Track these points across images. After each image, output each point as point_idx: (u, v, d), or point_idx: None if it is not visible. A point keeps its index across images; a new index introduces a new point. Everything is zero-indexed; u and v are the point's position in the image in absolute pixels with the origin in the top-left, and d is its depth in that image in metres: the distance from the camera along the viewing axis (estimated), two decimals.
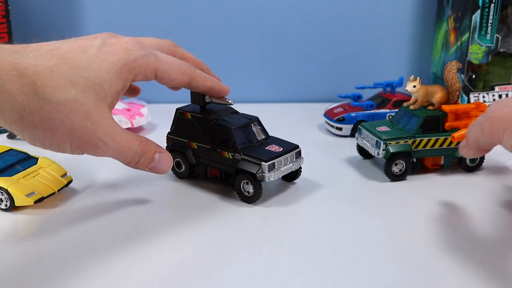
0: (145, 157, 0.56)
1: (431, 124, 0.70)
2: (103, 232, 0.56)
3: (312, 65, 1.10)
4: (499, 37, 0.89)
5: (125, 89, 0.55)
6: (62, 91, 0.48)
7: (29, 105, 0.47)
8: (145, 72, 0.55)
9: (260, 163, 0.62)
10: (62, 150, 0.51)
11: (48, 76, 0.48)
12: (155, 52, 0.57)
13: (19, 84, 0.46)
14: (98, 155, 0.53)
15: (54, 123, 0.48)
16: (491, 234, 0.57)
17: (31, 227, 0.57)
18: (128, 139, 0.54)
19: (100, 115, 0.51)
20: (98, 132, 0.51)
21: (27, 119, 0.47)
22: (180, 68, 0.59)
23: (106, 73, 0.52)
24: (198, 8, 1.05)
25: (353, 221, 0.59)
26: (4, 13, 0.86)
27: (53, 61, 0.49)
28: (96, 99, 0.51)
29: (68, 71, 0.49)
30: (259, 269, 0.50)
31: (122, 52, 0.53)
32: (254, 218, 0.60)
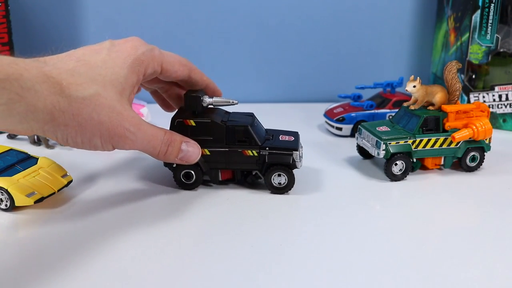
0: (173, 146, 0.60)
1: (431, 124, 0.70)
2: (103, 232, 0.56)
3: (312, 65, 1.10)
4: (499, 37, 0.89)
5: (139, 82, 0.60)
6: (86, 87, 0.52)
7: (58, 104, 0.50)
8: (153, 64, 0.61)
9: (292, 153, 0.65)
10: (93, 146, 0.54)
11: (70, 76, 0.52)
12: (157, 48, 0.62)
13: (47, 85, 0.49)
14: (127, 148, 0.57)
15: (83, 118, 0.52)
16: (491, 234, 0.57)
17: (31, 227, 0.57)
18: (153, 129, 0.59)
19: (123, 107, 0.55)
20: (125, 123, 0.55)
21: (58, 118, 0.50)
22: (181, 61, 0.65)
23: (120, 68, 0.56)
24: (198, 8, 1.05)
25: (353, 221, 0.59)
26: (4, 13, 0.86)
27: (71, 64, 0.53)
28: (116, 93, 0.55)
29: (87, 71, 0.54)
30: (259, 269, 0.50)
31: (131, 48, 0.59)
32: (254, 218, 0.60)
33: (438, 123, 0.70)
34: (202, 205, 0.62)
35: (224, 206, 0.62)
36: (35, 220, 0.58)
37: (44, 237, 0.55)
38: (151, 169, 0.73)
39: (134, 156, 0.78)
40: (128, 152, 0.80)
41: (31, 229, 0.57)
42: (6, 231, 0.57)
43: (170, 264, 0.50)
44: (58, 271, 0.49)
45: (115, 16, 1.04)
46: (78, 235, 0.55)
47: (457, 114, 0.71)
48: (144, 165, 0.75)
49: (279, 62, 1.09)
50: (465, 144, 0.72)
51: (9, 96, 0.46)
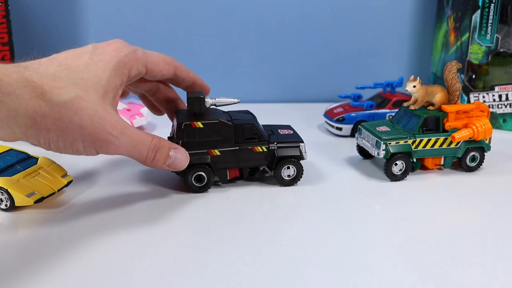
0: (161, 152, 0.59)
1: (431, 124, 0.70)
2: (103, 232, 0.56)
3: (312, 65, 1.10)
4: (499, 37, 0.90)
5: (123, 84, 0.59)
6: (67, 91, 0.51)
7: (40, 108, 0.49)
8: (137, 65, 0.60)
9: (299, 145, 0.68)
10: (76, 150, 0.54)
11: (51, 80, 0.51)
12: (141, 48, 0.61)
13: (28, 90, 0.49)
14: (112, 152, 0.56)
15: (64, 122, 0.51)
16: (491, 234, 0.57)
17: (31, 227, 0.57)
18: (139, 134, 0.57)
19: (106, 111, 0.54)
20: (107, 127, 0.54)
21: (40, 123, 0.50)
22: (166, 59, 0.64)
23: (103, 72, 0.55)
24: (198, 8, 1.05)
25: (353, 221, 0.59)
26: (4, 13, 0.86)
27: (53, 69, 0.53)
28: (98, 96, 0.54)
29: (69, 75, 0.53)
30: (259, 269, 0.50)
31: (113, 51, 0.58)
32: (254, 218, 0.60)
33: (438, 123, 0.70)
34: (202, 205, 0.62)
35: (224, 206, 0.62)
36: (35, 220, 0.58)
37: (44, 237, 0.55)
38: (151, 169, 0.73)
39: None
40: None
41: (31, 229, 0.57)
42: (6, 231, 0.57)
43: (170, 263, 0.50)
44: (58, 271, 0.49)
45: (115, 16, 1.04)
46: (78, 235, 0.55)
47: (457, 114, 0.71)
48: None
49: (279, 62, 1.09)
50: (465, 144, 0.72)
51: None
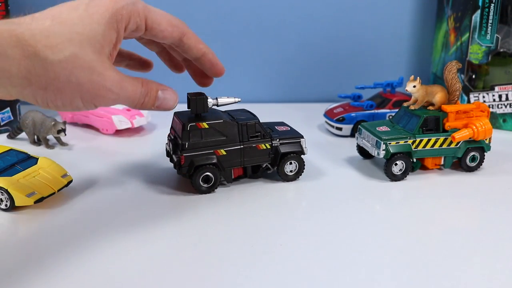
0: (149, 96, 0.56)
1: (431, 124, 0.70)
2: (103, 232, 0.56)
3: (312, 65, 1.10)
4: (499, 37, 0.89)
5: (120, 38, 0.56)
6: (61, 49, 0.49)
7: (34, 68, 0.48)
8: (135, 19, 0.56)
9: (300, 140, 0.70)
10: (75, 106, 0.52)
11: (45, 37, 0.49)
12: (143, 2, 0.57)
13: (20, 49, 0.47)
14: (109, 105, 0.54)
15: (61, 82, 0.49)
16: (491, 234, 0.57)
17: (31, 227, 0.57)
18: (133, 84, 0.55)
19: (103, 67, 0.52)
20: (107, 83, 0.52)
21: (35, 83, 0.48)
22: (171, 20, 0.59)
23: (98, 24, 0.52)
24: (198, 8, 1.05)
25: (353, 221, 0.59)
26: (4, 13, 0.86)
27: (47, 23, 0.50)
28: (94, 52, 0.52)
29: (63, 30, 0.50)
30: (259, 269, 0.50)
31: (110, 2, 0.54)
32: (254, 218, 0.60)
33: (438, 123, 0.70)
34: (202, 205, 0.62)
35: (224, 206, 0.62)
36: (35, 220, 0.58)
37: (44, 237, 0.55)
38: (151, 168, 0.73)
39: (134, 156, 0.78)
40: (127, 152, 0.80)
41: (31, 229, 0.57)
42: (6, 231, 0.57)
43: (170, 263, 0.50)
44: (58, 271, 0.49)
45: None
46: (78, 235, 0.55)
47: (457, 114, 0.71)
48: (144, 164, 0.75)
49: (279, 62, 1.09)
50: (465, 144, 0.72)
51: None
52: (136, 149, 0.81)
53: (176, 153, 0.65)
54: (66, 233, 0.55)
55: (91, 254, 0.51)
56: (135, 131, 0.89)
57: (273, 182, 0.69)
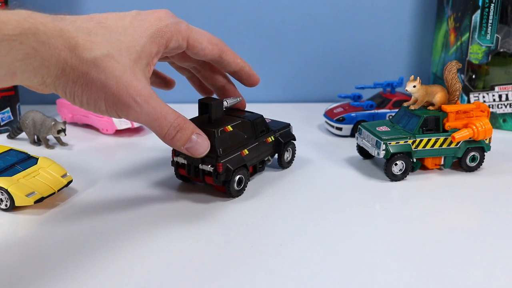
0: (182, 133, 0.56)
1: (431, 124, 0.70)
2: (103, 232, 0.56)
3: (312, 65, 1.10)
4: (499, 37, 0.89)
5: (159, 53, 0.57)
6: (100, 47, 0.51)
7: (71, 60, 0.49)
8: (177, 38, 0.58)
9: (290, 128, 0.75)
10: (98, 108, 0.53)
11: (86, 34, 0.51)
12: (186, 22, 0.60)
13: (62, 40, 0.48)
14: (132, 118, 0.54)
15: (90, 77, 0.50)
16: (491, 234, 0.57)
17: (31, 227, 0.57)
18: (165, 108, 0.55)
19: (134, 75, 0.53)
20: (131, 90, 0.52)
21: (68, 74, 0.49)
22: (211, 39, 0.62)
23: (140, 37, 0.55)
24: (197, 8, 1.05)
25: (353, 221, 0.59)
26: None
27: (91, 24, 0.53)
28: (130, 59, 0.53)
29: (105, 33, 0.52)
30: (259, 269, 0.50)
31: (155, 19, 0.57)
32: (254, 218, 0.60)
33: (438, 123, 0.70)
34: (202, 205, 0.62)
35: (224, 206, 0.62)
36: (35, 220, 0.58)
37: (44, 237, 0.55)
38: (151, 169, 0.73)
39: (134, 156, 0.78)
40: (128, 152, 0.80)
41: (31, 229, 0.57)
42: (6, 231, 0.57)
43: (170, 263, 0.50)
44: (58, 271, 0.49)
45: None
46: (78, 235, 0.55)
47: (457, 114, 0.71)
48: (144, 164, 0.75)
49: (279, 62, 1.09)
50: (465, 144, 0.72)
51: (26, 51, 0.45)
52: (136, 149, 0.81)
53: (208, 162, 0.62)
54: (66, 233, 0.55)
55: (91, 254, 0.51)
56: (135, 131, 0.89)
57: (273, 182, 0.69)
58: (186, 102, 0.93)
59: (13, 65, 0.45)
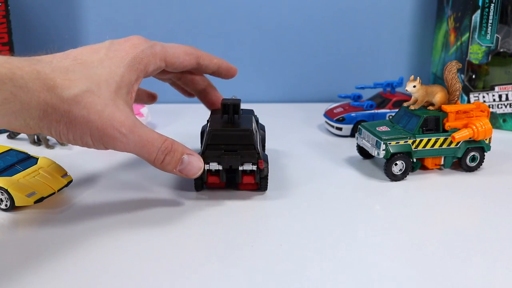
0: (172, 156, 0.57)
1: (431, 124, 0.70)
2: (103, 232, 0.56)
3: (312, 65, 1.10)
4: (499, 37, 0.89)
5: (139, 80, 0.58)
6: (78, 84, 0.52)
7: (51, 100, 0.50)
8: (154, 61, 0.59)
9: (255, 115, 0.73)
10: (85, 144, 0.54)
11: (63, 73, 0.51)
12: (160, 43, 0.61)
13: (39, 82, 0.49)
14: (120, 149, 0.54)
15: (73, 115, 0.51)
16: (491, 234, 0.57)
17: (31, 227, 0.57)
18: (150, 134, 0.56)
19: (116, 106, 0.53)
20: (115, 123, 0.53)
21: (50, 115, 0.50)
22: (186, 50, 0.64)
23: (117, 67, 0.55)
24: (197, 8, 1.05)
25: (353, 221, 0.59)
26: (4, 13, 0.86)
27: (67, 63, 0.53)
28: (110, 92, 0.53)
29: (82, 70, 0.53)
30: (259, 269, 0.50)
31: (129, 47, 0.58)
32: (254, 218, 0.60)
33: (438, 123, 0.70)
34: (201, 206, 0.62)
35: (224, 206, 0.62)
36: (35, 220, 0.58)
37: (44, 237, 0.55)
38: (151, 169, 0.73)
39: (134, 156, 0.78)
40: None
41: (31, 229, 0.57)
42: (6, 231, 0.56)
43: (170, 264, 0.50)
44: (58, 271, 0.49)
45: (115, 15, 1.04)
46: (78, 235, 0.55)
47: (457, 114, 0.71)
48: (144, 165, 0.74)
49: (279, 62, 1.09)
50: (465, 144, 0.72)
51: (4, 96, 0.46)
52: None
53: (249, 161, 0.62)
54: (66, 233, 0.55)
55: (91, 254, 0.51)
56: None
57: (272, 182, 0.69)
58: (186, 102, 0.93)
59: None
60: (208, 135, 0.62)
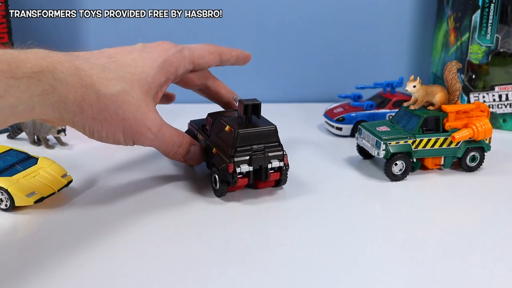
0: (183, 148, 0.64)
1: (431, 124, 0.70)
2: (103, 232, 0.56)
3: (312, 65, 1.10)
4: (499, 37, 0.89)
5: (169, 82, 0.63)
6: (114, 84, 0.55)
7: (88, 97, 0.52)
8: (184, 64, 0.64)
9: None
10: (116, 140, 0.57)
11: (101, 71, 0.54)
12: (187, 46, 0.65)
13: (78, 78, 0.51)
14: (146, 145, 0.60)
15: (109, 113, 0.54)
16: (491, 234, 0.57)
17: (31, 227, 0.57)
18: (171, 131, 0.62)
19: (148, 107, 0.58)
20: (147, 122, 0.58)
21: (86, 111, 0.53)
22: (210, 50, 0.68)
23: (150, 68, 0.59)
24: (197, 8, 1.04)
25: (353, 221, 0.59)
26: (4, 13, 0.86)
27: (103, 60, 0.56)
28: (142, 92, 0.57)
29: (117, 68, 0.56)
30: (259, 269, 0.50)
31: (161, 50, 0.62)
32: (254, 218, 0.60)
33: (438, 123, 0.70)
34: (201, 205, 0.62)
35: (224, 206, 0.62)
36: (35, 220, 0.58)
37: (44, 237, 0.55)
38: (151, 169, 0.73)
39: (134, 157, 0.78)
40: (127, 152, 0.80)
41: (31, 229, 0.57)
42: (6, 231, 0.57)
43: (170, 263, 0.50)
44: (58, 271, 0.49)
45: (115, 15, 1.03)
46: (78, 235, 0.55)
47: (457, 114, 0.71)
48: (144, 165, 0.75)
49: (279, 62, 1.09)
50: (465, 144, 0.72)
51: (43, 87, 0.48)
52: (136, 149, 0.81)
53: (276, 159, 0.63)
54: (66, 233, 0.55)
55: (91, 254, 0.51)
56: None
57: None
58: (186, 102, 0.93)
59: (31, 100, 0.47)
60: (235, 138, 0.61)
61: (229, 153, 0.61)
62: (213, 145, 0.65)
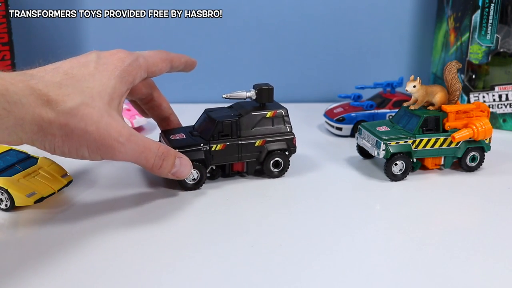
0: (167, 161, 0.60)
1: (431, 124, 0.70)
2: (103, 232, 0.56)
3: (312, 65, 1.10)
4: (499, 37, 0.89)
5: (127, 91, 0.60)
6: (73, 97, 0.52)
7: (46, 115, 0.50)
8: (140, 73, 0.61)
9: None
10: (81, 156, 0.54)
11: (57, 88, 0.52)
12: (141, 53, 0.63)
13: (34, 97, 0.49)
14: (117, 159, 0.56)
15: (70, 128, 0.51)
16: (491, 234, 0.57)
17: (31, 227, 0.57)
18: (146, 141, 0.58)
19: (111, 117, 0.55)
20: (112, 133, 0.54)
21: (46, 129, 0.50)
22: (162, 57, 0.65)
23: (108, 79, 0.56)
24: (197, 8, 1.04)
25: (353, 221, 0.59)
26: (4, 13, 0.86)
27: (59, 77, 0.53)
28: (104, 103, 0.55)
29: (74, 84, 0.54)
30: (259, 269, 0.50)
31: (117, 61, 0.59)
32: (254, 218, 0.60)
33: (438, 123, 0.70)
34: (201, 205, 0.62)
35: (224, 206, 0.62)
36: (35, 220, 0.58)
37: (44, 237, 0.55)
38: None
39: None
40: None
41: (31, 229, 0.57)
42: (6, 231, 0.57)
43: (170, 264, 0.50)
44: (58, 271, 0.49)
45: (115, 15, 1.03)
46: (78, 235, 0.55)
47: (457, 114, 0.71)
48: None
49: (279, 62, 1.09)
50: (465, 144, 0.72)
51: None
52: None
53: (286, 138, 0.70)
54: (66, 233, 0.55)
55: (91, 254, 0.51)
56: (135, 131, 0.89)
57: (272, 182, 0.69)
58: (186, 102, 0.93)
59: None
60: (286, 115, 0.71)
61: (287, 129, 0.70)
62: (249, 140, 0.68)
